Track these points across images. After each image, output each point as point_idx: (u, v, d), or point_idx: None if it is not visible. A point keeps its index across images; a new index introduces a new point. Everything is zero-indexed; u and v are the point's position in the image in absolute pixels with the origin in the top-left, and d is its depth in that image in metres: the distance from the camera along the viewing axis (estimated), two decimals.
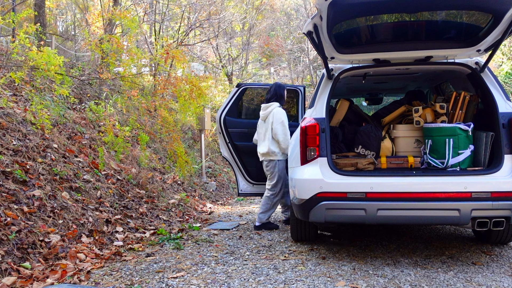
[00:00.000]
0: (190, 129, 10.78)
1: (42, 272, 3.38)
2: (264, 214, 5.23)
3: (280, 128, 4.97)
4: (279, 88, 5.19)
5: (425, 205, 3.43)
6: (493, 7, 3.37)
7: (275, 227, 5.27)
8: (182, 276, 3.44)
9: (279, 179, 5.13)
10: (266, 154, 5.09)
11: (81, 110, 7.12)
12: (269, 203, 5.21)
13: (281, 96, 5.17)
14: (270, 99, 5.16)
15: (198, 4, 12.75)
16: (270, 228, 5.24)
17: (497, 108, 3.66)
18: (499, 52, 14.54)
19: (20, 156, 4.67)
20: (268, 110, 5.10)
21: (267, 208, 5.22)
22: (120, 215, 5.15)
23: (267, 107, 5.14)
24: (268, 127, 5.06)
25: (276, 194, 5.18)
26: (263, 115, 5.15)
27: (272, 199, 5.20)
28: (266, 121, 5.11)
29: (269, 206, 5.22)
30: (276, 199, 5.21)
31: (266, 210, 5.23)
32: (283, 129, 4.98)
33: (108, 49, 6.06)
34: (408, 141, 4.47)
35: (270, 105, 5.11)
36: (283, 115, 5.04)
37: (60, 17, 18.37)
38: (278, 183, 5.14)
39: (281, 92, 5.17)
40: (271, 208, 5.24)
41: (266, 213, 5.24)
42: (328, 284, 3.18)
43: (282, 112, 5.06)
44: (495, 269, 3.57)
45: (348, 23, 3.79)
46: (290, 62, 22.68)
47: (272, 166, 5.11)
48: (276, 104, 5.09)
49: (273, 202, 5.21)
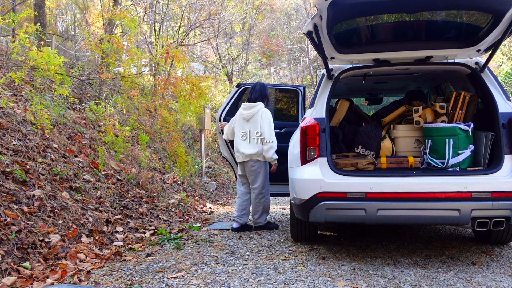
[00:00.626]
0: (190, 129, 10.78)
1: (42, 272, 3.38)
2: (260, 219, 5.16)
3: (267, 128, 4.92)
4: (264, 88, 5.12)
5: (425, 205, 3.43)
6: (493, 7, 3.37)
7: (275, 227, 5.23)
8: (182, 276, 3.44)
9: (265, 179, 5.07)
10: (255, 155, 4.98)
11: (81, 110, 7.12)
12: (261, 208, 5.11)
13: (266, 96, 5.12)
14: (256, 99, 5.05)
15: (198, 4, 12.76)
16: (270, 228, 5.19)
17: (497, 108, 3.66)
18: (499, 52, 14.54)
19: (20, 156, 4.67)
20: (254, 109, 5.00)
21: (261, 212, 5.13)
22: (120, 215, 5.15)
23: (252, 106, 5.02)
24: (255, 127, 4.97)
25: (264, 196, 5.09)
26: (248, 114, 5.01)
27: (264, 202, 5.11)
28: (251, 120, 5.00)
29: (262, 209, 5.12)
30: (268, 200, 5.13)
31: (261, 214, 5.14)
32: (269, 131, 4.93)
33: (108, 49, 6.06)
34: (408, 141, 4.47)
35: (256, 105, 5.01)
36: (270, 115, 5.01)
37: (60, 17, 18.38)
38: (265, 184, 5.08)
39: (265, 92, 5.11)
40: (265, 212, 5.16)
41: (262, 216, 5.16)
42: (328, 284, 3.18)
43: (269, 112, 5.02)
44: (495, 269, 3.57)
45: (348, 23, 3.79)
46: (290, 62, 22.70)
47: (259, 167, 5.03)
48: (262, 104, 5.03)
49: (265, 205, 5.12)
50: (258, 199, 5.09)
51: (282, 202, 7.96)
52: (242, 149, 5.04)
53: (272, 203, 7.92)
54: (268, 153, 4.92)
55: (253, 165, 5.03)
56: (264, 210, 5.14)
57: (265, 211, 5.17)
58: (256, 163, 5.02)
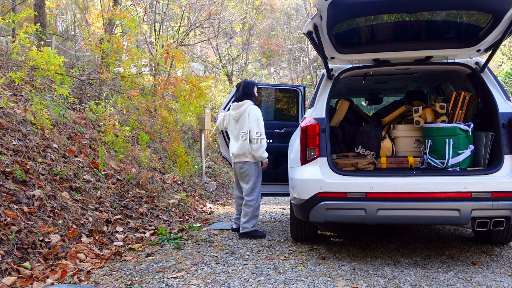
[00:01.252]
0: (190, 129, 10.78)
1: (42, 272, 3.38)
2: (248, 223, 4.78)
3: (256, 126, 4.67)
4: (247, 87, 4.87)
5: (425, 205, 3.43)
6: (493, 7, 3.37)
7: (261, 236, 4.79)
8: (182, 276, 3.44)
9: (256, 181, 4.80)
10: (242, 155, 4.76)
11: (81, 110, 7.12)
12: (250, 210, 4.78)
13: (251, 94, 4.85)
14: (241, 98, 4.83)
15: (198, 4, 12.75)
16: (256, 237, 4.76)
17: (497, 108, 3.66)
18: (499, 52, 14.54)
19: (20, 156, 4.67)
20: (241, 109, 4.76)
21: (250, 217, 4.77)
22: (120, 215, 5.15)
23: (239, 106, 4.79)
24: (243, 126, 4.74)
25: (254, 199, 4.80)
26: (236, 114, 4.79)
27: (254, 205, 4.79)
28: (240, 120, 4.77)
29: (251, 214, 4.78)
30: (257, 204, 4.82)
31: (249, 218, 4.78)
32: (258, 128, 4.66)
33: (108, 49, 6.05)
34: (408, 141, 4.47)
35: (243, 103, 4.78)
36: (258, 112, 4.73)
37: (60, 17, 18.38)
38: (256, 187, 4.80)
39: (249, 90, 4.85)
40: (253, 217, 4.80)
41: (250, 221, 4.78)
42: (328, 284, 3.18)
43: (257, 109, 4.76)
44: (495, 269, 3.57)
45: (348, 23, 3.79)
46: (290, 62, 22.71)
47: (248, 168, 4.77)
48: (250, 102, 4.78)
49: (254, 209, 4.79)
50: (246, 202, 4.81)
51: (282, 202, 7.97)
52: (232, 150, 4.91)
53: (272, 203, 7.95)
54: (257, 152, 4.68)
55: (241, 167, 4.81)
56: (253, 215, 4.80)
57: (254, 216, 4.81)
58: (245, 164, 4.78)
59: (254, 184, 4.81)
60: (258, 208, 4.86)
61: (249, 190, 4.81)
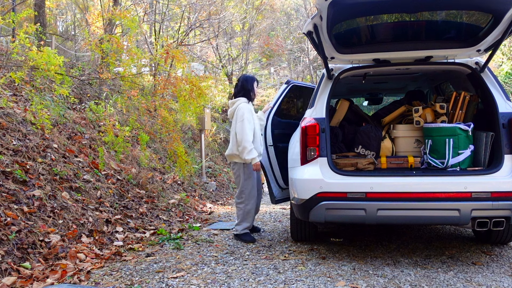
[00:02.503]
0: (190, 129, 10.78)
1: (42, 272, 3.38)
2: (239, 226, 4.69)
3: (239, 126, 4.42)
4: (246, 82, 4.65)
5: (425, 205, 3.43)
6: (493, 7, 3.37)
7: (251, 241, 4.58)
8: (182, 276, 3.44)
9: (245, 184, 4.59)
10: (231, 156, 4.60)
11: (81, 110, 7.12)
12: (240, 213, 4.65)
13: (249, 90, 4.61)
14: (237, 94, 4.64)
15: (198, 4, 12.75)
16: (245, 241, 4.59)
17: (497, 108, 3.66)
18: (499, 52, 14.54)
19: (20, 156, 4.67)
20: (233, 107, 4.59)
21: (240, 219, 4.66)
22: (120, 215, 5.15)
23: (232, 104, 4.62)
24: (233, 125, 4.56)
25: (243, 202, 4.62)
26: (229, 113, 4.65)
27: (243, 208, 4.62)
28: (233, 119, 4.59)
29: (241, 217, 4.63)
30: (248, 208, 4.61)
31: (240, 221, 4.67)
32: (241, 130, 4.40)
33: (108, 49, 6.05)
34: (408, 141, 4.47)
35: (234, 101, 4.61)
36: (246, 111, 4.44)
37: (60, 17, 18.38)
38: (245, 190, 4.60)
39: (248, 86, 4.62)
40: (244, 220, 4.63)
41: (241, 224, 4.66)
42: (328, 284, 3.18)
43: (245, 108, 4.47)
44: (495, 269, 3.57)
45: (348, 23, 3.79)
46: (290, 62, 22.71)
47: (238, 170, 4.60)
48: (242, 100, 4.56)
49: (244, 212, 4.61)
50: (236, 203, 4.72)
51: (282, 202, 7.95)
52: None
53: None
54: (242, 155, 4.43)
55: (233, 168, 4.71)
56: (243, 218, 4.63)
57: (244, 219, 4.63)
58: (235, 165, 4.63)
59: (242, 187, 4.62)
60: (249, 212, 4.63)
61: (238, 193, 4.70)
